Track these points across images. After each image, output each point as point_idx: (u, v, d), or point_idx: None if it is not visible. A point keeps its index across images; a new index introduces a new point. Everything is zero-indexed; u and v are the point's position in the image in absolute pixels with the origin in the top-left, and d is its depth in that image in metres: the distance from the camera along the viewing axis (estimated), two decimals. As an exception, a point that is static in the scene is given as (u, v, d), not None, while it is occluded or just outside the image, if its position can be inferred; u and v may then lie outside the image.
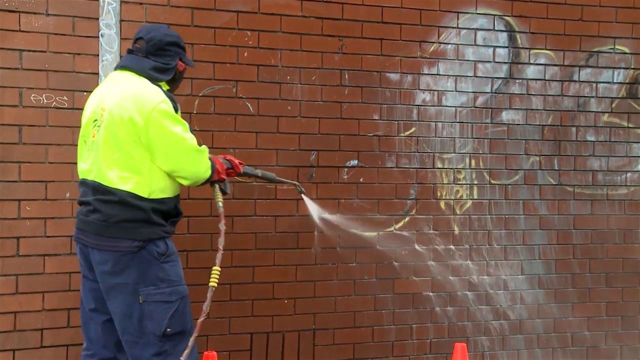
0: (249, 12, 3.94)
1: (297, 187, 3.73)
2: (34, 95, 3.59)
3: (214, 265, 2.94)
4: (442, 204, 4.36)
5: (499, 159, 4.45)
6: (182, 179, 2.95)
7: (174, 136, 2.86)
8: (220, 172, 3.08)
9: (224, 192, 3.15)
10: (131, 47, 3.07)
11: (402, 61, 4.24)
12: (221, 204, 3.07)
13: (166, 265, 2.90)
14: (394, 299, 4.28)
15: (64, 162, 3.63)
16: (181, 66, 3.12)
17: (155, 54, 3.01)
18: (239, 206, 3.92)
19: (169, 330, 2.86)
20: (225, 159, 3.22)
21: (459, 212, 4.39)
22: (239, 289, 3.93)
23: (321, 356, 4.16)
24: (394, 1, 4.18)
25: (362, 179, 4.19)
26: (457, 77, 4.35)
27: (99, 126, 2.88)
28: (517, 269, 4.51)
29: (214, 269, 2.94)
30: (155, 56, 3.01)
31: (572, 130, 4.58)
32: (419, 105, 4.29)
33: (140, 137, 2.81)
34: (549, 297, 4.57)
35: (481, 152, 4.41)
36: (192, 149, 2.92)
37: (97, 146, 2.88)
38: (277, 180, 3.55)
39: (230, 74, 3.93)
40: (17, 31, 3.55)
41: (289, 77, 4.03)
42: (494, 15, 4.39)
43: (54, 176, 3.63)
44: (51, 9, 3.60)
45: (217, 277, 2.93)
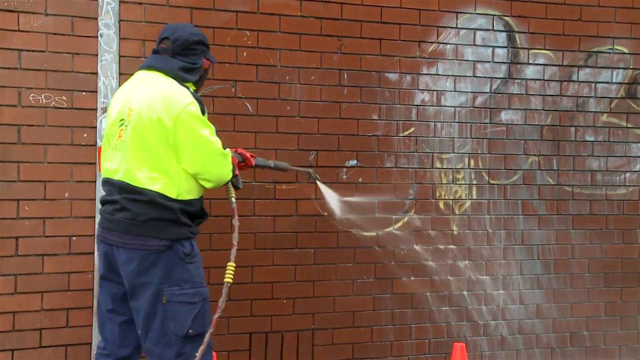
0: (248, 12, 3.94)
1: (311, 174, 3.74)
2: (32, 95, 3.59)
3: (229, 261, 2.94)
4: (441, 204, 4.36)
5: (497, 159, 4.46)
6: (205, 182, 2.95)
7: (201, 139, 2.86)
8: (235, 169, 3.10)
9: (236, 187, 3.13)
10: (156, 47, 3.05)
11: (401, 61, 4.24)
12: (234, 200, 3.09)
13: (190, 266, 2.89)
14: (393, 299, 4.28)
15: (63, 162, 3.64)
16: (205, 64, 3.11)
17: (181, 53, 2.99)
18: (238, 206, 3.88)
19: (190, 331, 2.85)
20: (236, 152, 3.21)
21: (457, 212, 4.39)
22: (237, 288, 3.92)
23: (320, 356, 4.16)
24: (393, 1, 4.18)
25: (361, 179, 4.19)
26: (456, 77, 4.35)
27: (126, 126, 2.86)
28: (516, 269, 4.51)
29: (228, 265, 2.94)
30: (181, 56, 2.99)
31: (571, 130, 4.59)
32: (418, 105, 4.29)
33: (168, 139, 2.80)
34: (548, 297, 4.57)
35: (480, 152, 4.42)
36: (218, 152, 2.93)
37: (124, 146, 2.86)
38: (291, 168, 3.56)
39: (229, 73, 3.93)
40: (15, 31, 3.54)
41: (288, 77, 4.03)
42: (493, 15, 4.40)
43: (53, 176, 3.63)
44: (50, 8, 3.60)
45: (232, 273, 2.93)
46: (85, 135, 3.67)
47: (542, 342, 4.56)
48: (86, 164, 3.67)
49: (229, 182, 3.08)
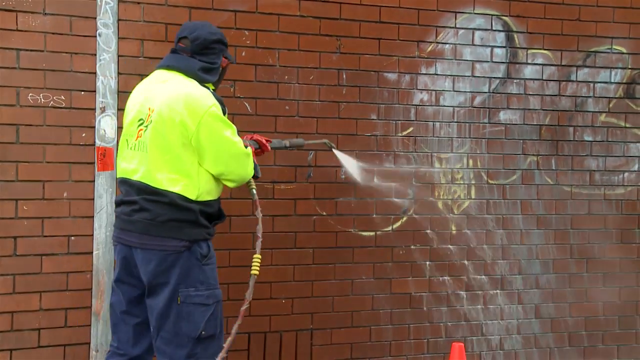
0: (247, 12, 3.94)
1: (326, 144, 3.82)
2: (31, 94, 3.58)
3: (255, 253, 2.97)
4: (440, 204, 4.36)
5: (496, 158, 4.46)
6: (229, 182, 2.96)
7: (224, 140, 2.87)
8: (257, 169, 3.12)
9: (255, 176, 3.11)
10: (174, 47, 3.03)
11: (399, 61, 4.24)
12: (255, 192, 3.10)
13: (206, 267, 2.89)
14: (392, 299, 4.28)
15: (62, 162, 3.63)
16: (224, 62, 3.11)
17: (201, 53, 2.98)
18: (236, 206, 3.92)
19: (203, 333, 2.85)
20: (252, 139, 3.22)
21: (456, 212, 4.39)
22: (236, 288, 3.91)
23: (319, 356, 4.16)
24: (392, 1, 4.18)
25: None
26: (454, 77, 4.35)
27: (145, 126, 2.85)
28: (515, 268, 4.51)
29: (254, 257, 2.96)
30: (201, 55, 2.98)
31: (570, 130, 4.59)
32: (416, 105, 4.29)
33: (190, 140, 2.80)
34: (547, 296, 4.57)
35: (479, 152, 4.42)
36: (241, 152, 2.94)
37: (144, 146, 2.84)
38: (307, 143, 3.64)
39: (228, 73, 3.89)
40: (14, 30, 3.54)
41: (287, 76, 4.03)
42: (492, 15, 4.40)
43: (52, 176, 3.62)
44: (48, 8, 3.59)
45: (258, 265, 2.95)
46: (83, 134, 3.67)
47: (540, 342, 4.56)
48: (85, 163, 3.67)
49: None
